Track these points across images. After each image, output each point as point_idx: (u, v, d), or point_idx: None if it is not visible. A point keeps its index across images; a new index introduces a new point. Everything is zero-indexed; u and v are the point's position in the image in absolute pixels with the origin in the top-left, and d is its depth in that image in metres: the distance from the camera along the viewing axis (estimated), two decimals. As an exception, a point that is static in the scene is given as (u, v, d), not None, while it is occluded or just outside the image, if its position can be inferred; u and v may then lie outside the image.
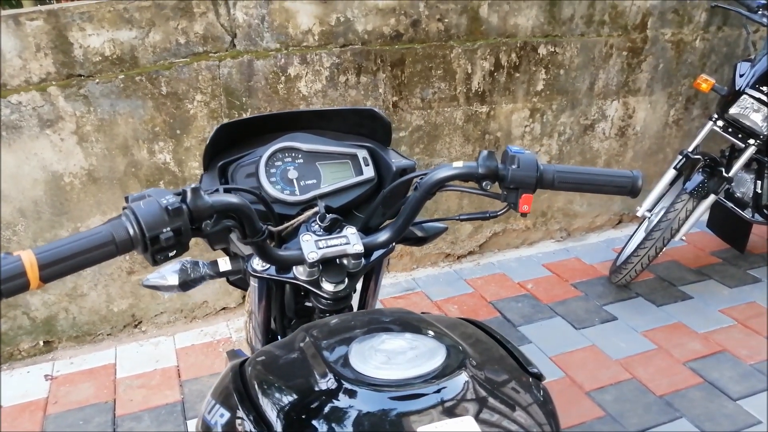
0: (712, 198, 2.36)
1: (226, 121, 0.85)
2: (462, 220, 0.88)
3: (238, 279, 1.03)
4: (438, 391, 0.56)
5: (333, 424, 0.54)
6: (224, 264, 0.89)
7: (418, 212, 0.82)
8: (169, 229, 0.61)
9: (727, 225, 2.74)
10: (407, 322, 0.70)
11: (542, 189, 0.79)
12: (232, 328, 2.41)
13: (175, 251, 0.63)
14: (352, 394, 0.56)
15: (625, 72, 2.89)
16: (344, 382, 0.58)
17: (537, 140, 2.85)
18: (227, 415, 0.64)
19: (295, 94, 2.29)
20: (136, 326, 2.39)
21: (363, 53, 2.33)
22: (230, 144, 0.92)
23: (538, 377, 0.66)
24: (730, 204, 2.57)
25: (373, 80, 2.39)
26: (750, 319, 2.37)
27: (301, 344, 0.69)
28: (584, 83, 2.82)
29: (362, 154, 0.95)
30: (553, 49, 2.68)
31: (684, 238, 2.44)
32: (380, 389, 0.56)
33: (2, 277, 0.54)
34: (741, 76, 2.27)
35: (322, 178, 0.92)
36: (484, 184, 0.80)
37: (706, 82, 2.35)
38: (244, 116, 0.98)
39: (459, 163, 0.79)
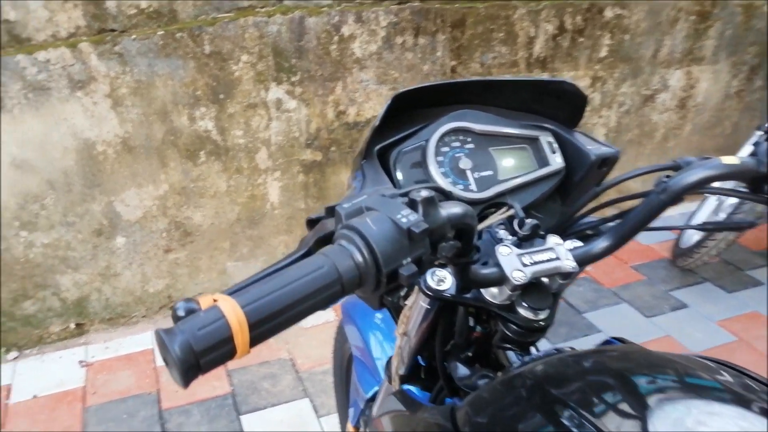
0: (794, 178, 2.19)
1: (402, 89, 0.64)
2: (708, 230, 0.70)
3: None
4: None
5: None
6: None
7: (654, 219, 0.64)
8: (410, 259, 0.43)
9: (796, 205, 2.57)
10: (685, 378, 0.53)
11: None
12: (274, 309, 2.23)
13: (406, 290, 0.45)
14: None
15: (691, 38, 2.67)
16: None
17: (595, 112, 2.65)
18: None
19: (348, 56, 2.06)
20: (172, 308, 2.21)
21: (422, 12, 2.10)
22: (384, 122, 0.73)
23: None
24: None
25: (432, 42, 2.17)
26: (828, 308, 2.24)
27: (540, 396, 0.52)
28: (648, 50, 2.61)
29: (546, 138, 0.76)
30: (620, 12, 2.45)
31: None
32: None
33: (201, 346, 0.35)
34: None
35: (498, 168, 0.73)
36: (766, 187, 0.61)
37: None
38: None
39: (733, 159, 0.61)
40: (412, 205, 0.46)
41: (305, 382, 1.88)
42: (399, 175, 0.70)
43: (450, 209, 0.49)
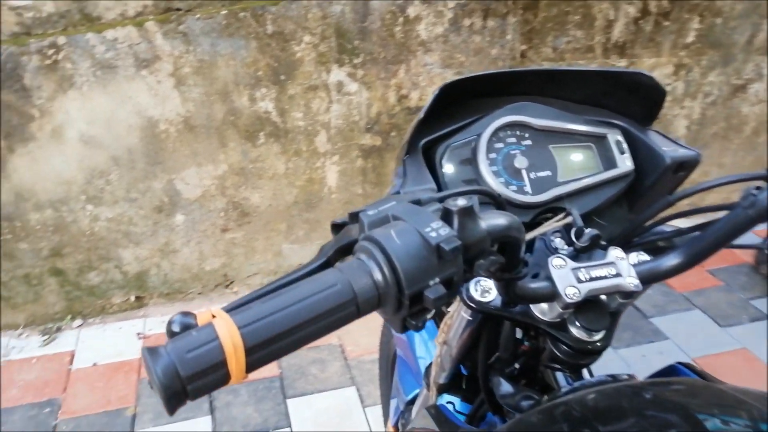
0: None
1: (450, 79, 0.57)
2: None
3: None
4: None
5: None
6: None
7: (738, 237, 0.55)
8: (438, 280, 0.37)
9: None
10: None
11: None
12: (326, 294, 2.23)
13: (432, 313, 0.40)
14: None
15: (793, 23, 2.42)
16: None
17: (677, 102, 2.46)
18: None
19: (412, 38, 1.99)
20: (227, 286, 2.25)
21: (492, -8, 2.00)
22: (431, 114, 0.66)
23: None
24: None
25: (502, 25, 2.06)
26: None
27: None
28: (743, 35, 2.38)
29: (615, 136, 0.67)
30: (712, -7, 2.25)
31: None
32: None
33: (188, 371, 0.31)
34: None
35: (558, 169, 0.66)
36: None
37: None
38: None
39: None
40: (447, 216, 0.40)
41: (353, 370, 1.86)
42: (445, 173, 0.64)
43: (491, 221, 0.42)
